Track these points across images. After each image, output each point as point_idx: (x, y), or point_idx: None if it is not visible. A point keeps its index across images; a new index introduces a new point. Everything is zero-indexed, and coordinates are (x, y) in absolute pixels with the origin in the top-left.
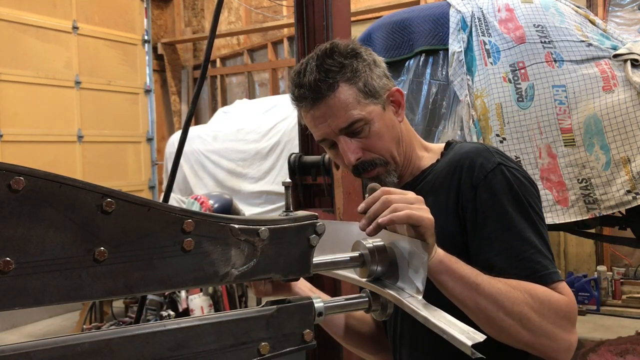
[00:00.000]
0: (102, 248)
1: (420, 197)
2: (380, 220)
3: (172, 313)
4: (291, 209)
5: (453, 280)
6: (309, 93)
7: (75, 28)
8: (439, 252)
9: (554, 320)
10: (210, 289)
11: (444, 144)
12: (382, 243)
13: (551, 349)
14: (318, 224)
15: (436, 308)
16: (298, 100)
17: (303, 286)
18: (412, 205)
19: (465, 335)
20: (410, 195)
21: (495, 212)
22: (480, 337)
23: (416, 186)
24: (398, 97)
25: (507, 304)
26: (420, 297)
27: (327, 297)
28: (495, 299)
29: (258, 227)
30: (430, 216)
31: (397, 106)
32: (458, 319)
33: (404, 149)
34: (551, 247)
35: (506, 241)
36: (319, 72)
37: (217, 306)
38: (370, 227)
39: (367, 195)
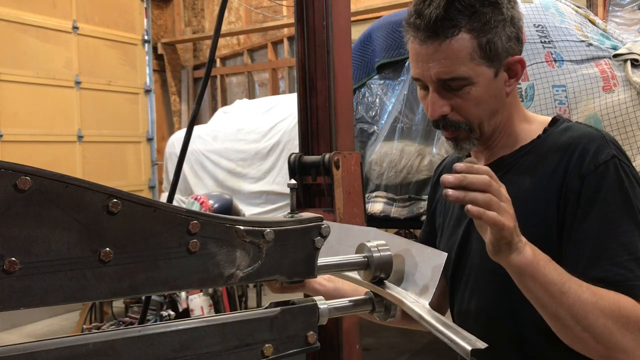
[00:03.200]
0: (107, 249)
1: (509, 198)
2: (470, 207)
3: (172, 313)
4: (296, 211)
5: (537, 285)
6: (425, 27)
7: (75, 28)
8: (527, 253)
9: (637, 336)
10: (211, 289)
11: (549, 118)
12: (387, 246)
13: None
14: (323, 226)
15: (439, 314)
16: (411, 27)
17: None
18: (502, 205)
19: (466, 341)
20: (505, 193)
21: (598, 209)
22: (481, 344)
23: (513, 162)
24: (518, 68)
25: (588, 317)
26: (427, 301)
27: (341, 285)
28: (576, 313)
29: (263, 228)
30: (511, 224)
31: (512, 76)
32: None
33: (498, 121)
34: None
35: (602, 242)
36: (446, 9)
37: (217, 306)
38: (456, 195)
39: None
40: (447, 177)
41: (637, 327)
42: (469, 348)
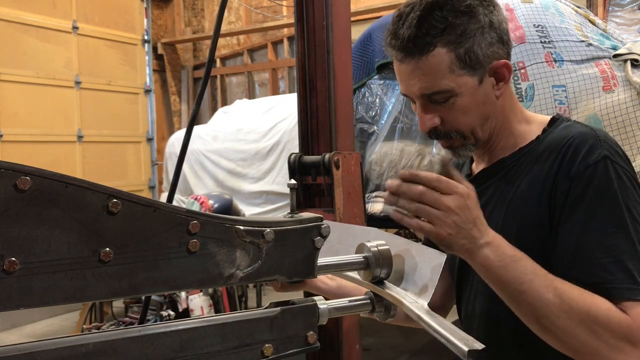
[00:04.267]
0: (107, 249)
1: (465, 204)
2: (393, 214)
3: (172, 313)
4: (296, 211)
5: (494, 285)
6: (400, 47)
7: (75, 28)
8: (480, 255)
9: (607, 339)
10: (211, 289)
11: (548, 117)
12: (386, 246)
13: None
14: (323, 226)
15: (435, 313)
16: (389, 47)
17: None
18: (434, 214)
19: (463, 342)
20: (448, 202)
21: (583, 211)
22: (478, 345)
23: (511, 164)
24: (504, 71)
25: (548, 317)
26: (426, 301)
27: (345, 283)
28: (535, 312)
29: (263, 228)
30: (443, 232)
31: (500, 79)
32: None
33: (493, 125)
34: None
35: (583, 244)
36: (418, 26)
37: (217, 306)
38: (389, 200)
39: (437, 167)
40: (390, 182)
41: (606, 329)
42: (466, 349)
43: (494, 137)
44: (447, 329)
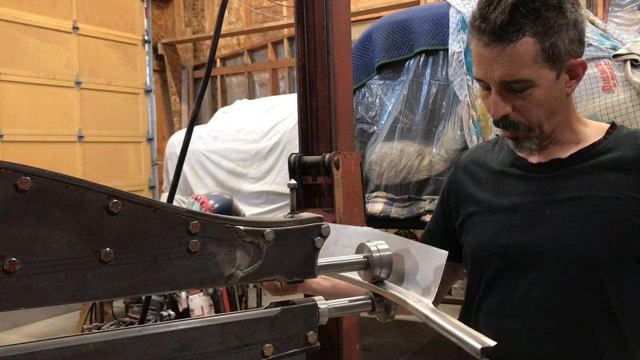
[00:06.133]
0: (107, 249)
1: None
2: None
3: (172, 313)
4: (296, 211)
5: None
6: (490, 31)
7: (75, 28)
8: None
9: None
10: (211, 289)
11: (603, 123)
12: (386, 246)
13: None
14: (323, 226)
15: (442, 312)
16: (475, 30)
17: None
18: None
19: (474, 339)
20: None
21: None
22: (490, 342)
23: (590, 158)
24: (579, 70)
25: None
26: (430, 300)
27: (338, 282)
28: None
29: (263, 228)
30: None
31: (573, 77)
32: None
33: (558, 121)
34: None
35: None
36: (512, 13)
37: (217, 306)
38: None
39: None
40: None
41: None
42: (479, 347)
43: (556, 132)
44: (457, 328)
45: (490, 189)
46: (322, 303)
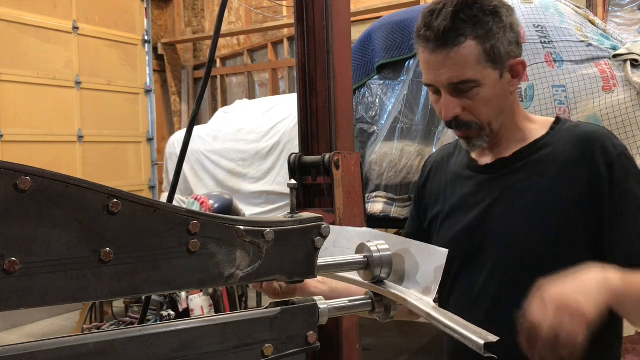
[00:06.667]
0: (107, 249)
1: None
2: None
3: (172, 313)
4: (296, 211)
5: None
6: (434, 38)
7: (75, 28)
8: (610, 293)
9: None
10: (211, 289)
11: (548, 118)
12: (386, 246)
13: None
14: (323, 226)
15: (444, 310)
16: (422, 39)
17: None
18: (568, 326)
19: (477, 335)
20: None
21: (630, 192)
22: (493, 338)
23: (531, 154)
24: (519, 69)
25: None
26: (431, 299)
27: (336, 286)
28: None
29: (263, 228)
30: (584, 321)
31: (515, 76)
32: None
33: (505, 119)
34: None
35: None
36: (452, 20)
37: (217, 306)
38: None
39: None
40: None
41: None
42: (482, 342)
43: (502, 130)
44: (459, 324)
45: (450, 191)
46: (322, 303)
